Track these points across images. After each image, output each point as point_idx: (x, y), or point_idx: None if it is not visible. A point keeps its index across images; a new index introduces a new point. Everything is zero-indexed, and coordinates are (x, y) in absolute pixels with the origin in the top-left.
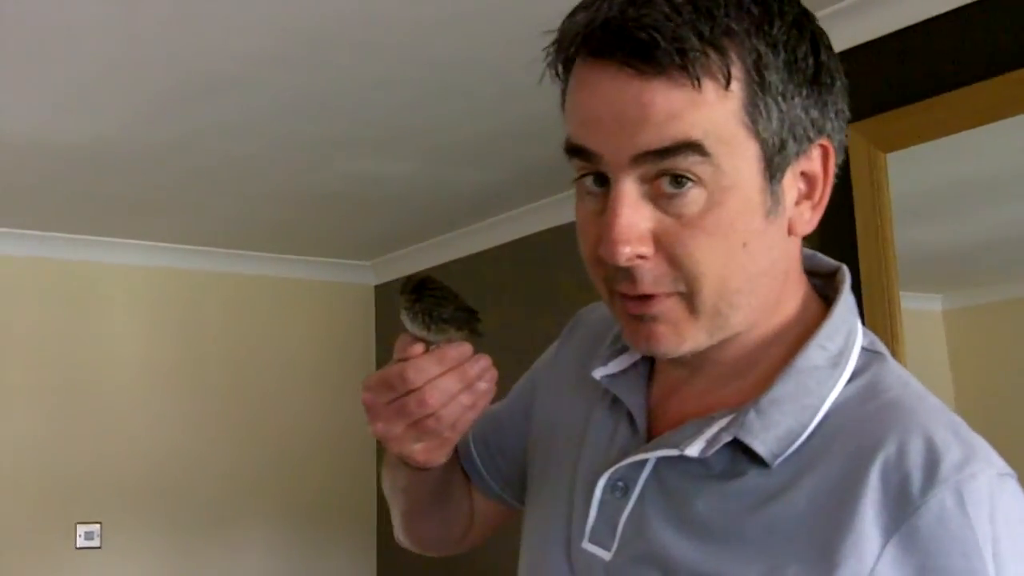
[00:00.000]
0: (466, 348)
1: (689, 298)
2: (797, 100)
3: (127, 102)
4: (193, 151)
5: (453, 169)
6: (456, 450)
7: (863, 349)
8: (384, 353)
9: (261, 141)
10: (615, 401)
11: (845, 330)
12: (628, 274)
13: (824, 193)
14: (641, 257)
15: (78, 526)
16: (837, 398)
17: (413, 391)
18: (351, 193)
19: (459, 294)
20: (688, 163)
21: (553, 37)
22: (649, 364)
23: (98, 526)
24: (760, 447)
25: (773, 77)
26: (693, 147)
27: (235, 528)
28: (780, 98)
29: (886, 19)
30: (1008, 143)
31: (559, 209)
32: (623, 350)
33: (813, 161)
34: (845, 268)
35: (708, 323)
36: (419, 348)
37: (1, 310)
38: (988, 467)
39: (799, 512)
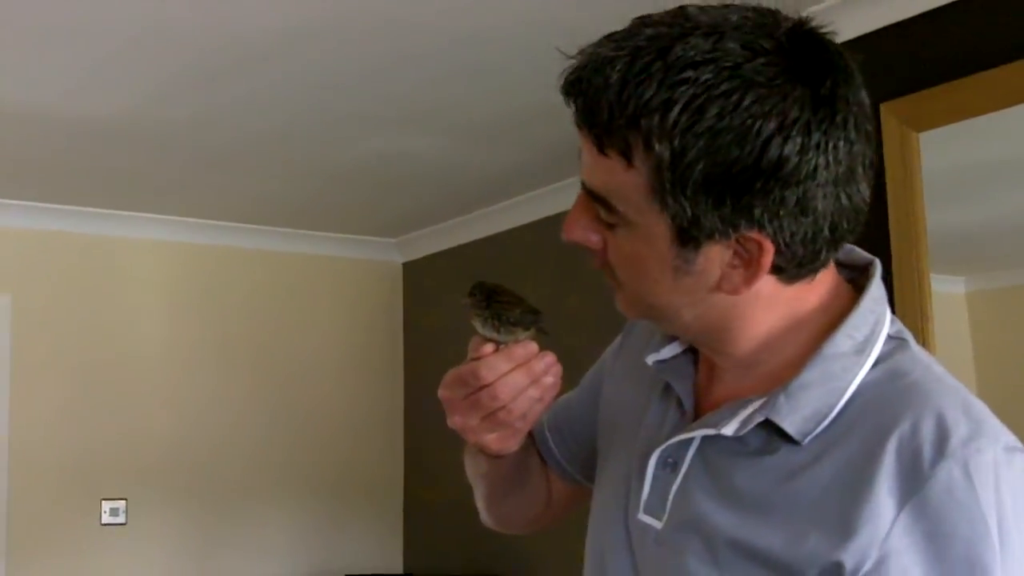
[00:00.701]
0: (532, 346)
1: (619, 291)
2: (701, 199)
3: (152, 76)
4: (218, 127)
5: (479, 147)
6: (533, 437)
7: (889, 336)
8: (411, 331)
9: (286, 117)
10: (667, 387)
11: (872, 319)
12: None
13: (756, 275)
14: (590, 250)
15: (103, 502)
16: (862, 381)
17: (485, 387)
18: (376, 170)
19: (524, 298)
20: (604, 209)
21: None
22: (695, 353)
23: (123, 502)
24: (789, 427)
25: (671, 176)
26: (602, 200)
27: (260, 505)
28: (680, 193)
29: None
30: None
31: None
32: (672, 339)
33: (744, 246)
34: (877, 262)
35: (638, 313)
36: (490, 348)
37: (25, 285)
38: (995, 442)
39: (823, 485)
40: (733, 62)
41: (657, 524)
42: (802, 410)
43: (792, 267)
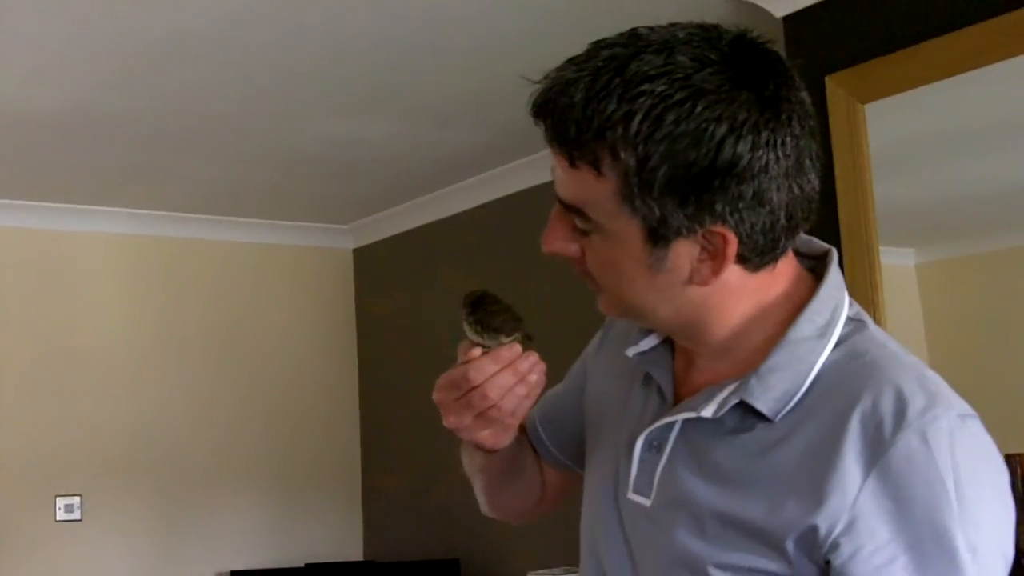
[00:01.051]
0: (516, 348)
1: (600, 293)
2: (667, 200)
3: (99, 66)
4: (167, 115)
5: (432, 130)
6: (525, 431)
7: (848, 319)
8: (364, 317)
9: (236, 103)
10: (648, 376)
11: (832, 304)
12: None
13: (722, 265)
14: (570, 258)
15: (58, 499)
16: (825, 362)
17: (476, 388)
18: (328, 156)
19: (511, 306)
20: (579, 218)
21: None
22: (671, 343)
23: (78, 498)
24: (762, 406)
25: (638, 180)
26: (577, 211)
27: (220, 496)
28: (647, 196)
29: None
30: (986, 93)
31: (538, 169)
32: (650, 331)
33: (710, 239)
34: (833, 251)
35: (619, 312)
36: (477, 352)
37: None
38: (948, 410)
39: (796, 457)
40: (684, 73)
41: (646, 502)
42: (772, 391)
43: (755, 256)
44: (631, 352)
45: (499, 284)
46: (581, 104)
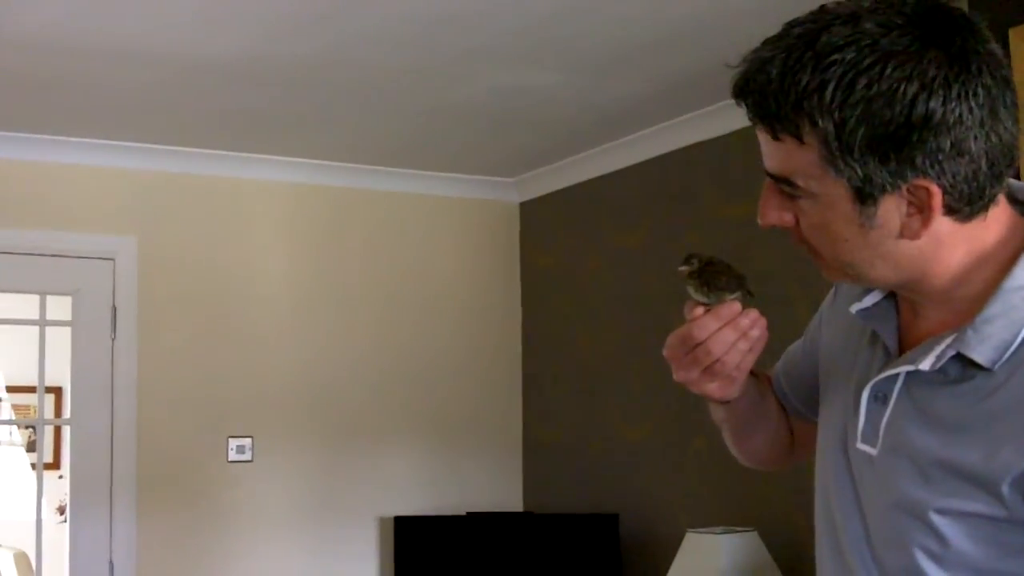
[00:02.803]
0: (736, 306)
1: (819, 259)
2: (868, 159)
3: (269, 14)
4: (334, 64)
5: (598, 82)
6: (771, 384)
7: None
8: (528, 271)
9: (404, 54)
10: (875, 331)
11: None
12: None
13: (930, 218)
14: (787, 229)
15: (230, 440)
16: None
17: (700, 344)
18: (495, 107)
19: (732, 266)
20: (789, 188)
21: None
22: (896, 296)
23: (250, 440)
24: (978, 357)
25: (838, 144)
26: (786, 181)
27: (382, 443)
28: (848, 158)
29: None
30: None
31: (704, 124)
32: (871, 288)
33: (915, 194)
34: None
35: (841, 275)
36: (700, 311)
37: (149, 227)
38: None
39: (1012, 403)
40: (872, 39)
41: (872, 451)
42: (989, 340)
43: (963, 206)
44: (854, 309)
45: (664, 241)
46: (778, 79)
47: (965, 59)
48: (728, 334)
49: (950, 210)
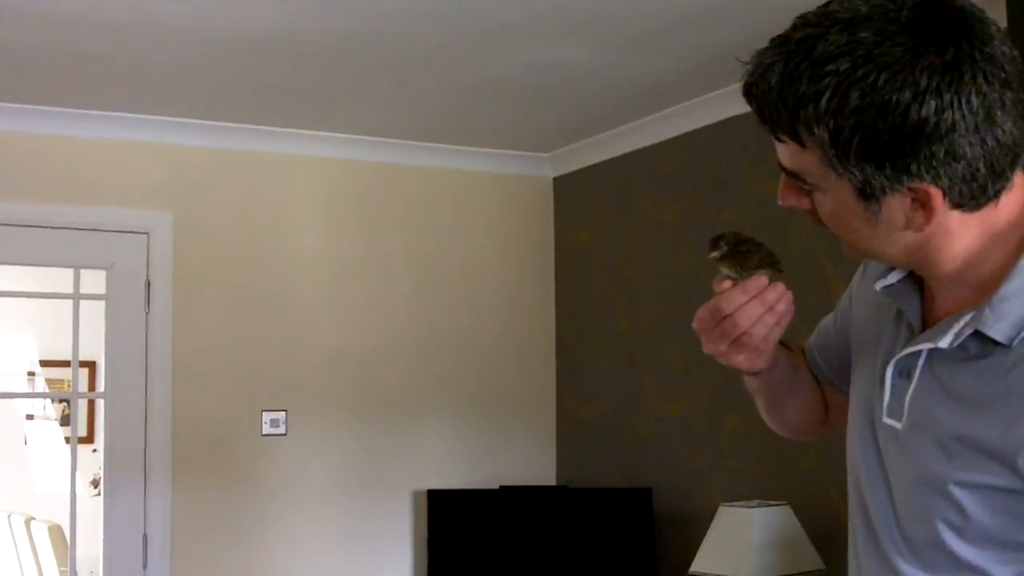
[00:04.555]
0: (763, 280)
1: (840, 239)
2: (865, 165)
3: None
4: (371, 40)
5: (632, 57)
6: (804, 355)
7: None
8: (562, 246)
9: (440, 30)
10: (900, 308)
11: None
12: None
13: (932, 214)
14: (804, 210)
15: (264, 413)
16: None
17: (727, 317)
18: (530, 82)
19: (761, 242)
20: (799, 181)
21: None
22: (918, 277)
23: (283, 413)
24: (996, 334)
25: (835, 151)
26: (796, 176)
27: (416, 417)
28: (846, 162)
29: None
30: None
31: (738, 99)
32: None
33: (915, 193)
34: None
35: (859, 256)
36: (728, 284)
37: (185, 202)
38: None
39: None
40: (866, 49)
41: (898, 425)
42: (1007, 318)
43: (968, 201)
44: (879, 286)
45: (699, 216)
46: (776, 88)
47: (959, 67)
48: (755, 307)
49: (956, 205)
